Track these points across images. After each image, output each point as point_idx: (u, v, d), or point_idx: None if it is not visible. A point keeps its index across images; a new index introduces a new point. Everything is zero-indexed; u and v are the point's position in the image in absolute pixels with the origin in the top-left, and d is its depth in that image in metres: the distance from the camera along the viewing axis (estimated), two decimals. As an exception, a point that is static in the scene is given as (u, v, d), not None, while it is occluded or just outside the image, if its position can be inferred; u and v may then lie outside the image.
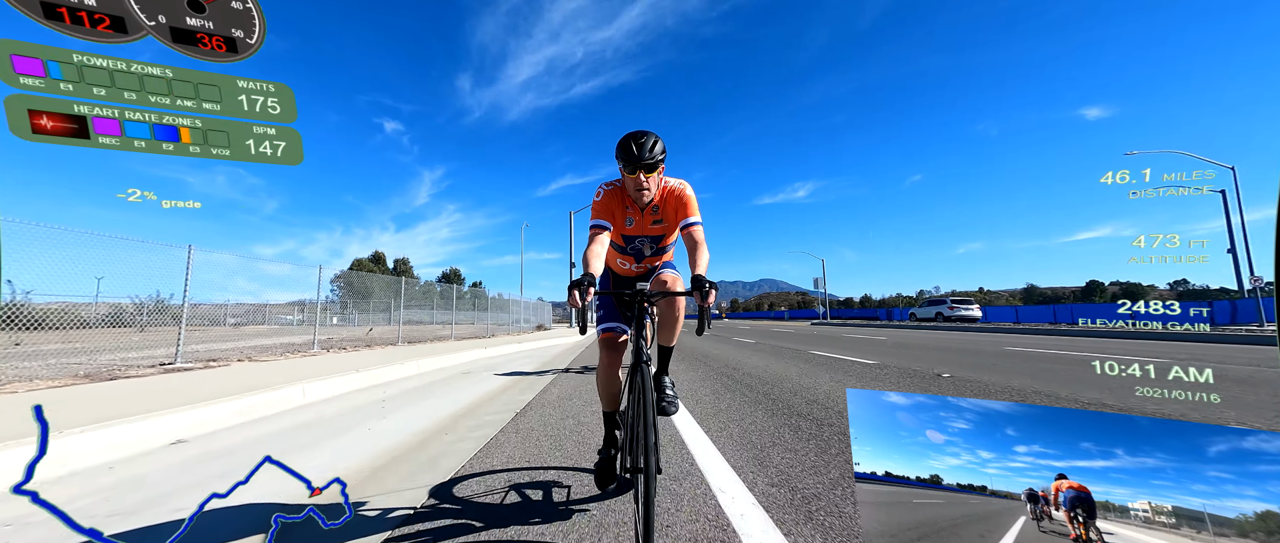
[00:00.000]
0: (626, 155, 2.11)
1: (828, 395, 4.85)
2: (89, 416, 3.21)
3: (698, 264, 2.06)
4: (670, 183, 2.33)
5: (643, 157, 2.10)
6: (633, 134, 2.15)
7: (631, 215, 2.37)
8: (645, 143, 2.12)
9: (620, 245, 2.50)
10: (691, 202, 2.28)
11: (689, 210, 2.27)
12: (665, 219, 2.37)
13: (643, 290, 2.00)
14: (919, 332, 18.93)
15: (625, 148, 2.12)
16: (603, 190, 2.36)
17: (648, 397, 1.76)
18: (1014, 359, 8.10)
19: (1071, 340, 12.46)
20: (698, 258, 2.09)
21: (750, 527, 1.96)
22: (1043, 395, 4.74)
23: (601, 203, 2.33)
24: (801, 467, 2.70)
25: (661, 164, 2.19)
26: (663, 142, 2.17)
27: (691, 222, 2.26)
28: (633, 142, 2.12)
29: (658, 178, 2.22)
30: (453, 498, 2.39)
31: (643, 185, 2.16)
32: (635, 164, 2.11)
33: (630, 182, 2.18)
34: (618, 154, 2.15)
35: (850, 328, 26.23)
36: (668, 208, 2.35)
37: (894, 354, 9.46)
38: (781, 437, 3.34)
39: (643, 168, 2.11)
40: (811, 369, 7.04)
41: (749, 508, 2.15)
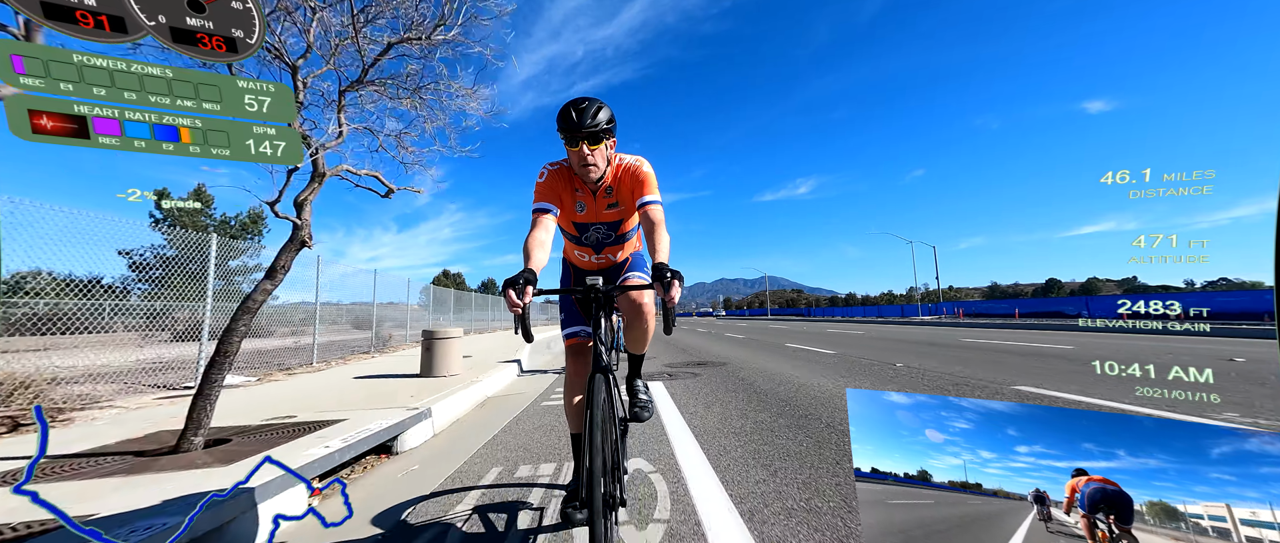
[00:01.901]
0: (565, 124, 1.83)
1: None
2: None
3: (657, 250, 1.78)
4: (625, 160, 2.04)
5: (583, 124, 1.81)
6: (572, 101, 1.86)
7: (582, 200, 2.07)
8: (586, 109, 1.83)
9: (574, 235, 2.21)
10: (649, 179, 1.99)
11: (646, 188, 1.98)
12: (621, 202, 2.07)
13: (594, 285, 1.69)
14: (894, 327, 22.18)
15: (564, 117, 1.83)
16: (546, 170, 2.05)
17: (602, 413, 1.48)
18: (967, 350, 9.44)
19: (1017, 332, 14.79)
20: (657, 242, 1.82)
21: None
22: (956, 378, 5.80)
23: (544, 184, 2.00)
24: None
25: (610, 136, 1.91)
26: (609, 109, 1.88)
27: (649, 200, 1.96)
28: (572, 108, 1.84)
29: (606, 152, 1.92)
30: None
31: (587, 160, 1.86)
32: (575, 134, 1.82)
33: (573, 157, 1.89)
34: (557, 125, 1.86)
35: (831, 323, 30.47)
36: (623, 188, 2.05)
37: (855, 346, 10.83)
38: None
39: (584, 139, 1.83)
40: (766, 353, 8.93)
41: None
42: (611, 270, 2.31)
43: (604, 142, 1.88)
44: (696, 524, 2.11)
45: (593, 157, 1.87)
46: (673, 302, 1.53)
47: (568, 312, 2.19)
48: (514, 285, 1.48)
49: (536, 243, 1.82)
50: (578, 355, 2.12)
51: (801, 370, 7.16)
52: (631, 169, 2.02)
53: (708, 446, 3.30)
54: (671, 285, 1.52)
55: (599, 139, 1.85)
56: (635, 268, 2.31)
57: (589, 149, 1.85)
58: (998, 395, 5.36)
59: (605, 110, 1.86)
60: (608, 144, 1.92)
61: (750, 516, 2.20)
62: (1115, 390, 5.02)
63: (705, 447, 3.26)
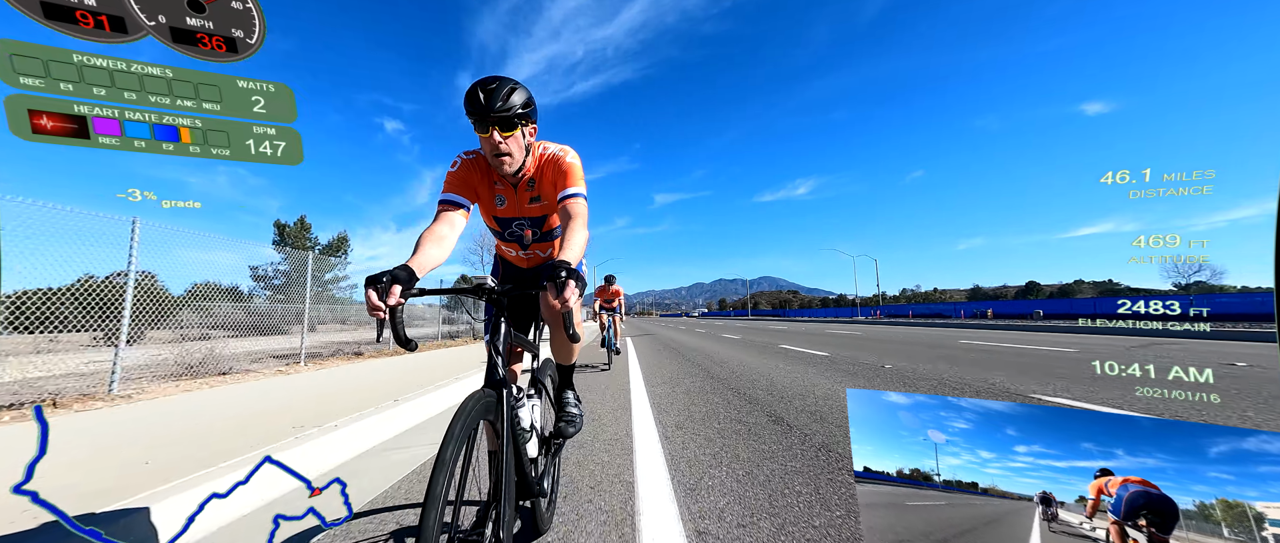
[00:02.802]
0: (472, 107, 1.59)
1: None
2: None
3: (565, 246, 1.53)
4: (549, 149, 1.84)
5: (492, 106, 1.56)
6: (480, 80, 1.62)
7: (502, 193, 1.88)
8: (495, 89, 1.58)
9: (497, 230, 2.03)
10: (572, 170, 1.79)
11: (568, 180, 1.77)
12: (544, 195, 1.87)
13: (481, 284, 1.45)
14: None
15: (470, 99, 1.59)
16: (460, 160, 1.83)
17: (462, 440, 1.15)
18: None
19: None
20: (568, 237, 1.57)
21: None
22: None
23: (456, 174, 1.80)
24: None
25: (527, 122, 1.70)
26: (528, 92, 1.67)
27: (569, 193, 1.75)
28: (478, 89, 1.59)
29: (522, 140, 1.71)
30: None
31: (499, 148, 1.65)
32: (484, 118, 1.59)
33: (485, 145, 1.68)
34: (464, 108, 1.64)
35: (821, 323, 36.23)
36: (545, 180, 1.84)
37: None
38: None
39: (495, 124, 1.60)
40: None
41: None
42: (542, 268, 2.14)
43: (519, 128, 1.67)
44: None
45: (505, 145, 1.64)
46: (565, 306, 1.27)
47: (489, 314, 1.99)
48: (376, 285, 1.21)
49: (433, 238, 1.59)
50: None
51: (708, 342, 12.76)
52: (554, 159, 1.81)
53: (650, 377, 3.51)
54: (565, 287, 1.24)
55: (512, 125, 1.63)
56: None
57: (501, 136, 1.63)
58: (815, 359, 8.61)
59: (521, 93, 1.64)
60: (525, 131, 1.71)
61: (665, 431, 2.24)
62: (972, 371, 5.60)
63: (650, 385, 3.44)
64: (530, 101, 1.67)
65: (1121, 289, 34.98)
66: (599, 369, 7.83)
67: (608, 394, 5.54)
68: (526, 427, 1.75)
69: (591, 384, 6.31)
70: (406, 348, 1.31)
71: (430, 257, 1.53)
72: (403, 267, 1.32)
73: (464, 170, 1.82)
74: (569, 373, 2.19)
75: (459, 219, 1.74)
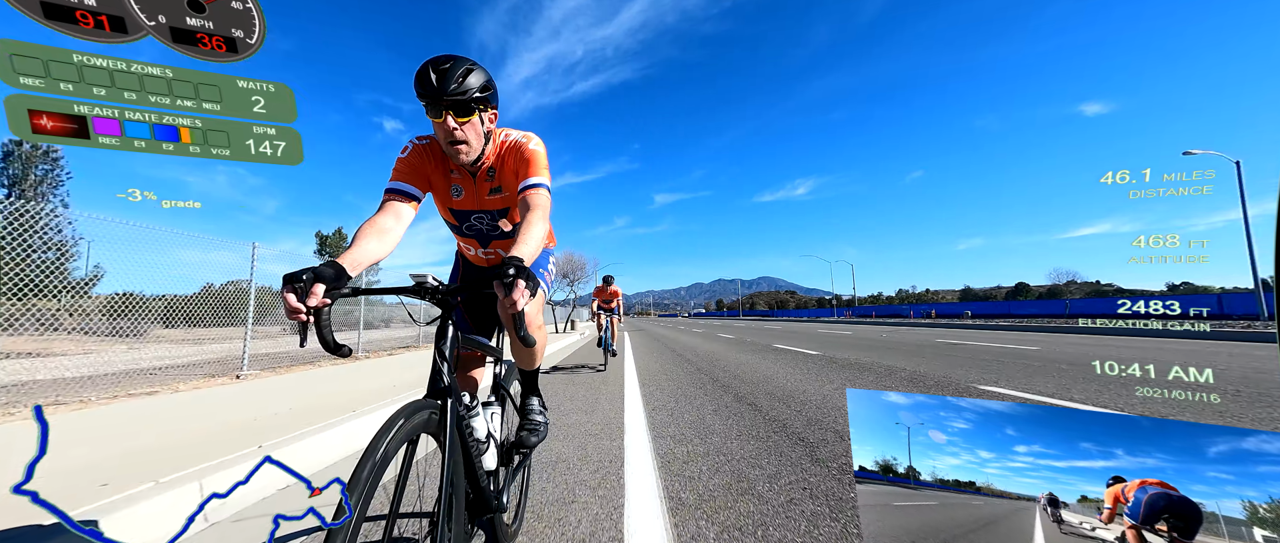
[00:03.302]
0: (423, 89, 1.45)
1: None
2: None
3: (519, 240, 1.38)
4: (511, 136, 1.71)
5: (445, 89, 1.42)
6: (432, 59, 1.47)
7: (459, 183, 1.73)
8: (449, 69, 1.44)
9: (454, 224, 1.89)
10: (535, 158, 1.65)
11: (531, 169, 1.63)
12: (505, 187, 1.73)
13: (423, 282, 1.31)
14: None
15: (421, 79, 1.45)
16: (412, 145, 1.68)
17: (389, 452, 1.04)
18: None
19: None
20: (524, 232, 1.42)
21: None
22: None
23: (406, 161, 1.64)
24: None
25: (486, 106, 1.57)
26: (486, 74, 1.52)
27: (531, 183, 1.61)
28: (430, 68, 1.44)
29: (481, 126, 1.57)
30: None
31: (454, 135, 1.51)
32: (436, 102, 1.45)
33: (438, 131, 1.53)
34: (415, 90, 1.48)
35: (793, 323, 41.93)
36: (505, 170, 1.70)
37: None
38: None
39: (449, 108, 1.47)
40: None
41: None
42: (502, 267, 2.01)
43: (477, 113, 1.53)
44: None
45: (461, 131, 1.51)
46: (513, 307, 1.12)
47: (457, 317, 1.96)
48: (295, 284, 1.05)
49: (374, 230, 1.43)
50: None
51: (683, 334, 16.74)
52: (516, 146, 1.68)
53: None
54: (514, 286, 1.09)
55: (469, 110, 1.50)
56: (534, 268, 1.86)
57: (456, 121, 1.49)
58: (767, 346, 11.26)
59: (479, 74, 1.49)
60: (484, 117, 1.58)
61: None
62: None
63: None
64: (489, 84, 1.53)
65: (1109, 291, 37.72)
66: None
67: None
68: (482, 437, 1.63)
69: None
70: (337, 354, 1.17)
71: (367, 251, 1.36)
72: (330, 263, 1.15)
73: (416, 157, 1.66)
74: (533, 379, 2.02)
75: (407, 211, 1.57)
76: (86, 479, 2.29)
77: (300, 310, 1.06)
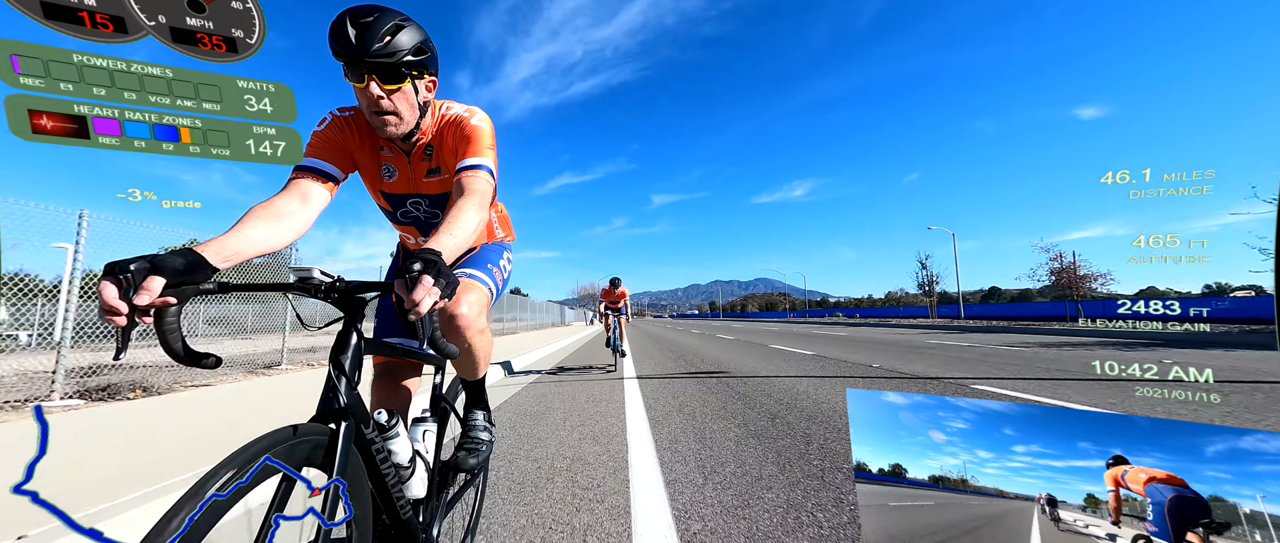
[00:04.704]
0: (339, 44, 1.16)
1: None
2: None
3: (442, 230, 1.08)
4: (453, 110, 1.44)
5: (367, 48, 1.15)
6: (349, 9, 1.19)
7: (391, 162, 1.46)
8: (372, 23, 1.16)
9: (388, 210, 1.62)
10: (477, 135, 1.37)
11: (471, 148, 1.35)
12: (444, 167, 1.47)
13: (308, 277, 0.98)
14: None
15: (337, 32, 1.16)
16: (331, 117, 1.41)
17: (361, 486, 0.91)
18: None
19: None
20: (450, 219, 1.13)
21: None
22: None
23: (322, 135, 1.36)
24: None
25: (422, 72, 1.30)
26: (423, 33, 1.25)
27: (470, 164, 1.32)
28: (348, 20, 1.16)
29: (414, 97, 1.30)
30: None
31: (378, 105, 1.23)
32: (355, 63, 1.17)
33: (361, 98, 1.26)
34: (330, 47, 1.19)
35: (768, 323, 49.33)
36: (444, 148, 1.44)
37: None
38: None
39: (370, 70, 1.19)
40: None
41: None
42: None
43: (409, 80, 1.26)
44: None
45: (387, 101, 1.24)
46: (414, 310, 0.84)
47: (379, 317, 1.65)
48: (119, 276, 0.78)
49: (267, 213, 1.11)
50: (385, 376, 1.55)
51: (668, 330, 21.10)
52: (457, 121, 1.41)
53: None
54: (416, 284, 0.84)
55: (398, 76, 1.22)
56: (479, 262, 1.61)
57: (381, 89, 1.21)
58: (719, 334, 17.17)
59: (413, 31, 1.22)
60: (419, 85, 1.31)
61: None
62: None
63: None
64: (425, 46, 1.26)
65: (1080, 296, 39.24)
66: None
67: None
68: (405, 461, 1.27)
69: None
70: (199, 366, 0.91)
71: (250, 239, 1.02)
72: (182, 250, 0.87)
73: (335, 130, 1.37)
74: (477, 390, 1.70)
75: (318, 193, 1.26)
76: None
77: (118, 311, 0.77)
